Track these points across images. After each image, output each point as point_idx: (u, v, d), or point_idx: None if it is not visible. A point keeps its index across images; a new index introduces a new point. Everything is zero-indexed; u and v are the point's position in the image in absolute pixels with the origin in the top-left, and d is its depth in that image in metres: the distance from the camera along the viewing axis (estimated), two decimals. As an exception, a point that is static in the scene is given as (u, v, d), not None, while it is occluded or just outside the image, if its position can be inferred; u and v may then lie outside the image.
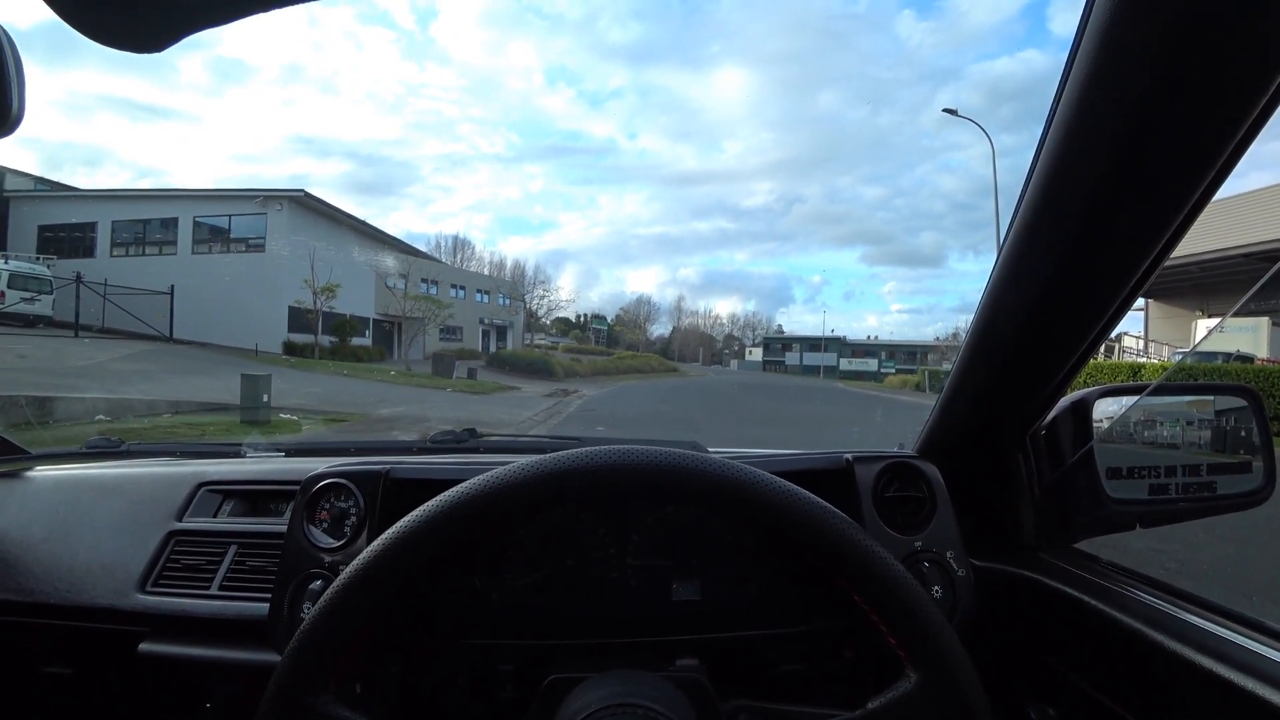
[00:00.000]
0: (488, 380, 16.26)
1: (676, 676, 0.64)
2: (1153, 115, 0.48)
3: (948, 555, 0.80)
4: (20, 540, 0.99)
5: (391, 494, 0.82)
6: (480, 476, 0.47)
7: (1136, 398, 0.95)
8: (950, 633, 0.46)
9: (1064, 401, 0.86)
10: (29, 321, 13.30)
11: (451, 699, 0.81)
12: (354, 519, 0.81)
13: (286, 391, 7.97)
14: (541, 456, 0.46)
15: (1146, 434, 0.96)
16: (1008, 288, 0.68)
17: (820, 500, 0.46)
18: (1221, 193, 0.54)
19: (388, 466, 0.83)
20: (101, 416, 5.94)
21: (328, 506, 0.82)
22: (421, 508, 0.46)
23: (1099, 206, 0.56)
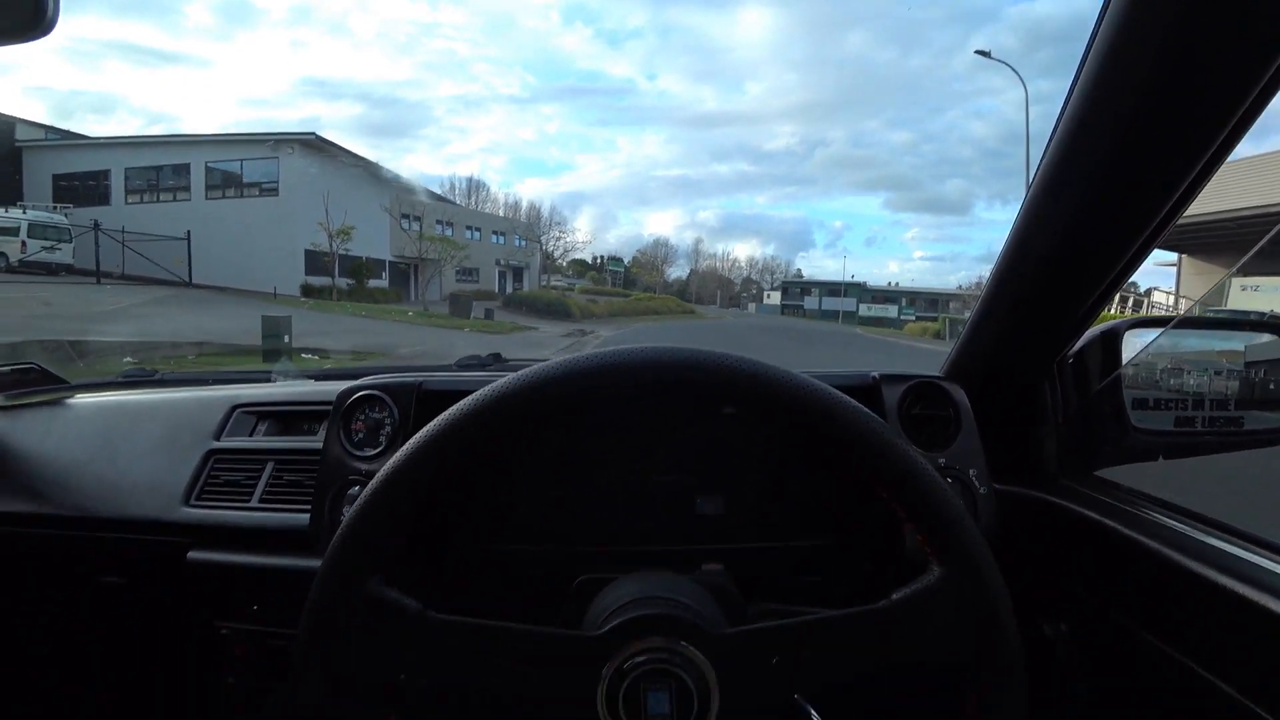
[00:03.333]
0: (505, 320, 16.34)
1: (702, 577, 0.67)
2: (1184, 50, 0.47)
3: (970, 473, 0.81)
4: (69, 462, 1.04)
5: (425, 405, 0.84)
6: (522, 371, 0.47)
7: (1164, 330, 0.93)
8: (974, 527, 0.46)
9: (1093, 331, 0.85)
10: (52, 270, 13.46)
11: (484, 601, 0.85)
12: (389, 429, 0.83)
13: (306, 333, 8.07)
14: (582, 354, 0.47)
15: (1172, 381, 0.94)
16: (1043, 207, 0.66)
17: (847, 397, 0.46)
18: (1265, 147, 0.54)
19: (421, 379, 0.86)
20: (129, 359, 6.07)
21: (362, 418, 0.85)
22: (466, 399, 0.47)
23: (1134, 128, 0.55)
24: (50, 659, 1.33)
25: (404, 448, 0.46)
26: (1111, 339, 0.88)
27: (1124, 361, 0.88)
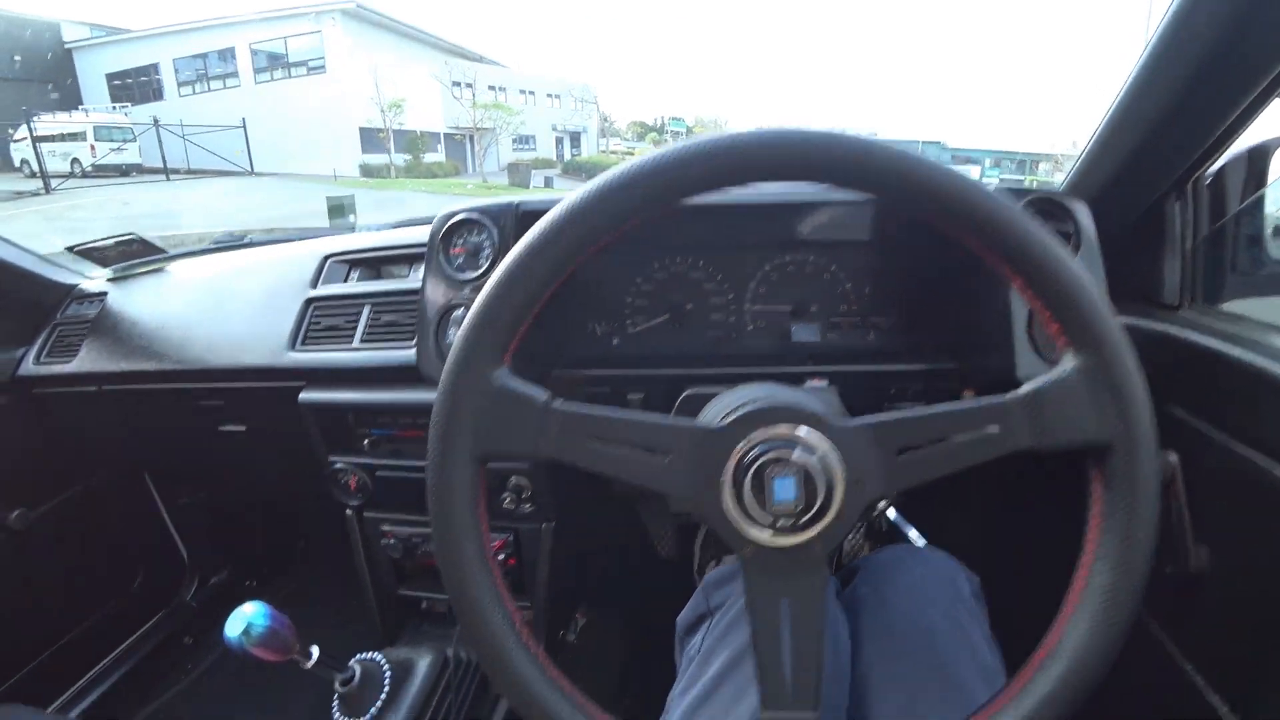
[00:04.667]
0: (565, 188, 16.00)
1: (810, 387, 0.67)
2: None
3: None
4: (180, 322, 1.11)
5: (524, 225, 0.83)
6: (650, 153, 0.43)
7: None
8: (1111, 312, 0.42)
9: (1239, 147, 0.75)
10: (123, 171, 13.90)
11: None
12: (489, 251, 0.85)
13: (369, 210, 8.17)
14: (703, 138, 0.42)
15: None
16: None
17: (980, 183, 0.42)
18: None
19: (518, 200, 0.85)
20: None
21: (461, 242, 0.86)
22: (583, 186, 0.44)
23: None
24: (189, 507, 1.53)
25: (524, 239, 0.44)
26: (1260, 157, 0.78)
27: (1269, 182, 0.78)
